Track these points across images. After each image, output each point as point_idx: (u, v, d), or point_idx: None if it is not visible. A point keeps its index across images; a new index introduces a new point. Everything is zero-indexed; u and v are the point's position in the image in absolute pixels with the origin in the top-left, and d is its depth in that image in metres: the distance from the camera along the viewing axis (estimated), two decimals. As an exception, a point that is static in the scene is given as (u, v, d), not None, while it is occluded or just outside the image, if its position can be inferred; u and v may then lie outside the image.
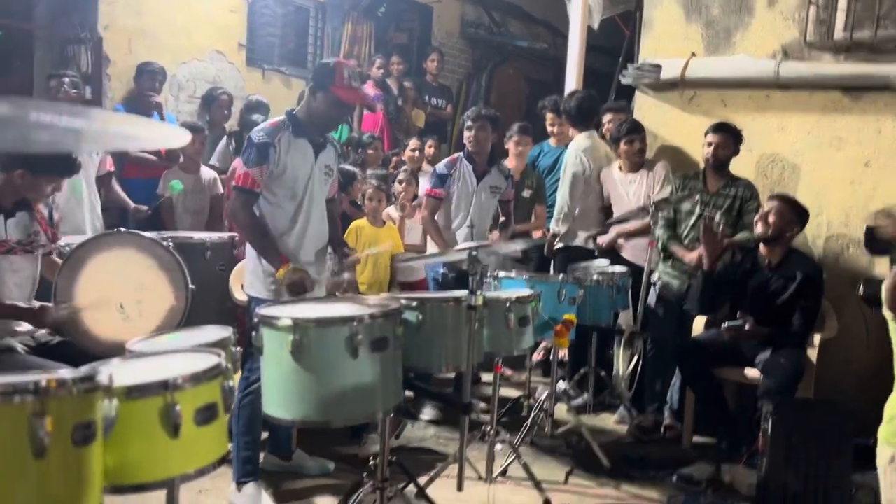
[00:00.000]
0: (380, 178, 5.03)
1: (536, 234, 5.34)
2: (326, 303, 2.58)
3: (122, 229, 3.47)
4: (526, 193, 5.18)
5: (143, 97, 5.63)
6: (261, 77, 7.00)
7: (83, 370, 1.40)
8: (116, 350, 2.99)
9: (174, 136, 0.93)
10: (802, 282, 3.84)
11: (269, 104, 6.17)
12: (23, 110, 0.87)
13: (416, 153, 6.00)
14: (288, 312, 2.25)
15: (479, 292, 2.52)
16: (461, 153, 4.51)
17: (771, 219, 3.85)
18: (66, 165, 3.01)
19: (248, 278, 3.29)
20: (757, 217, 3.93)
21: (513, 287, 3.53)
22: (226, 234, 4.62)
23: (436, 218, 4.51)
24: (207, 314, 3.81)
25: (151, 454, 1.55)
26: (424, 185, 5.49)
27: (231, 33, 6.72)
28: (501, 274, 3.64)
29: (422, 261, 4.66)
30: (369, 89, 7.11)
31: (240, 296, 4.21)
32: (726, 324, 3.77)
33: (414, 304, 2.52)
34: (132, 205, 5.08)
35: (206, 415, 1.65)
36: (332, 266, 3.34)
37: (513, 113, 9.21)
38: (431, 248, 4.63)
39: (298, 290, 3.04)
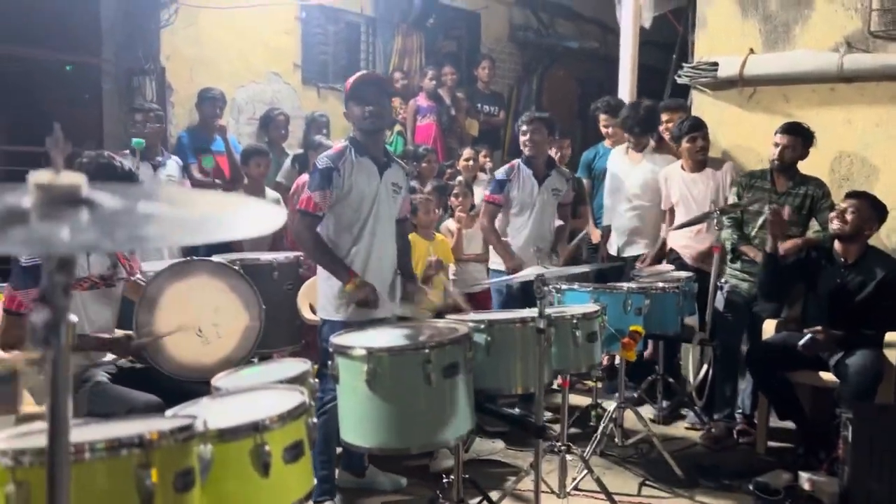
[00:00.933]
0: (434, 192, 5.07)
1: (594, 237, 5.34)
2: (397, 328, 2.63)
3: (194, 258, 3.60)
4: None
5: (206, 123, 5.81)
6: (316, 95, 7.14)
7: (180, 420, 1.47)
8: (198, 372, 3.15)
9: (273, 218, 0.98)
10: (883, 280, 3.73)
11: (329, 118, 6.31)
12: (131, 201, 0.92)
13: (471, 163, 6.03)
14: (361, 342, 2.31)
15: (546, 313, 2.53)
16: (519, 159, 4.53)
17: (849, 216, 3.76)
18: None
19: (319, 300, 3.39)
20: (833, 214, 3.84)
21: (577, 300, 3.53)
22: (291, 254, 4.74)
23: (496, 224, 4.54)
24: (278, 333, 3.94)
25: (244, 494, 1.62)
26: (480, 193, 5.54)
27: (286, 54, 6.87)
28: (564, 286, 3.64)
29: (486, 276, 4.71)
30: (422, 101, 7.18)
31: (308, 314, 4.32)
32: (800, 344, 3.69)
33: (482, 326, 2.55)
34: None
35: (294, 452, 1.71)
36: (405, 286, 3.39)
37: (565, 115, 9.16)
38: (493, 257, 4.64)
39: (366, 304, 3.14)
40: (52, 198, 0.84)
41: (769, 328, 4.17)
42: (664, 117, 5.02)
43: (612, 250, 5.04)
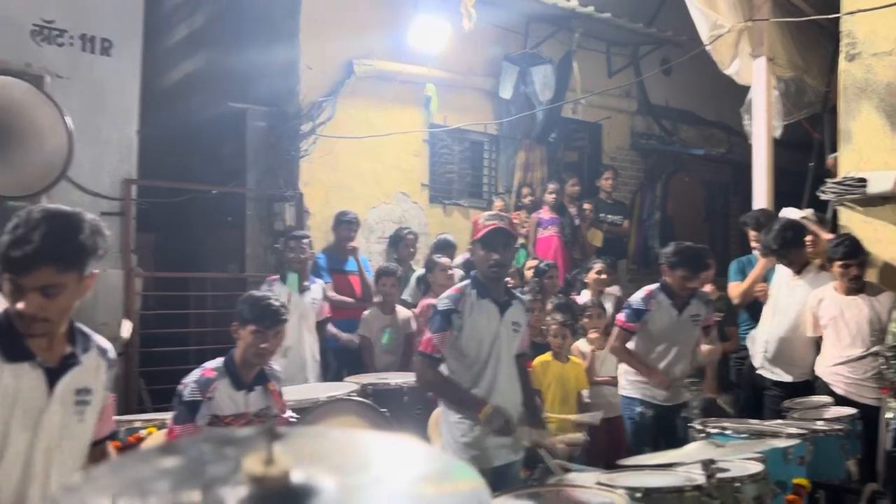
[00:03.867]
0: (564, 312, 4.98)
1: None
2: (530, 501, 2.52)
3: (342, 395, 3.67)
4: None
5: (341, 244, 6.06)
6: (442, 212, 7.35)
7: None
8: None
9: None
10: None
11: (455, 244, 6.42)
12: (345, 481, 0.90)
13: (602, 276, 5.94)
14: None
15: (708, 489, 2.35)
16: (657, 286, 4.37)
17: None
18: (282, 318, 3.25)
19: (447, 436, 3.35)
20: None
21: (728, 442, 3.29)
22: (422, 378, 4.78)
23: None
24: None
25: None
26: (606, 304, 5.41)
27: (414, 175, 7.15)
28: (713, 429, 3.41)
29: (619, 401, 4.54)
30: (545, 213, 7.23)
31: (438, 441, 4.29)
32: None
33: (638, 495, 2.41)
34: (343, 336, 5.45)
35: None
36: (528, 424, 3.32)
37: (691, 220, 8.96)
38: (622, 381, 4.47)
39: (503, 431, 3.09)
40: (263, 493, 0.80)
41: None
42: (809, 238, 4.76)
43: (756, 362, 4.72)
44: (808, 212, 5.00)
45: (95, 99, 5.28)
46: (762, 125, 5.76)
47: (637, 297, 4.36)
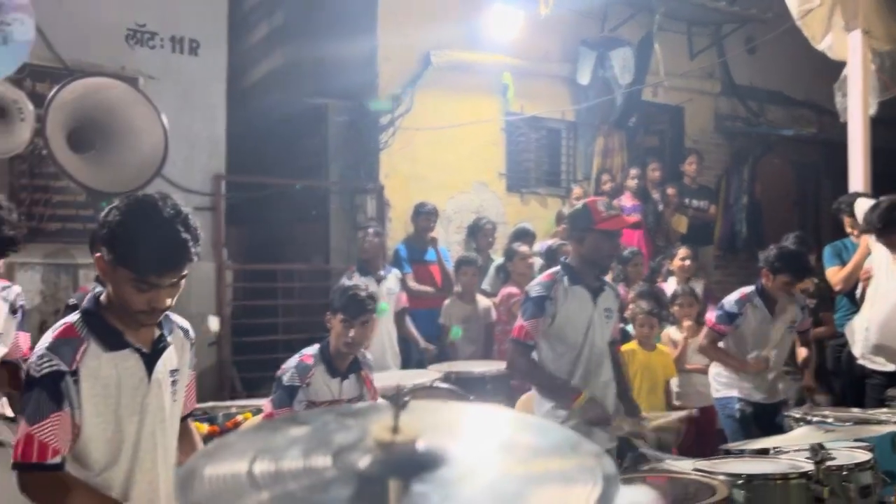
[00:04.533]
0: (649, 301, 4.88)
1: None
2: (635, 487, 2.46)
3: (429, 383, 3.70)
4: None
5: (420, 235, 6.11)
6: (519, 201, 7.31)
7: None
8: None
9: None
10: None
11: (534, 232, 6.38)
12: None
13: (687, 262, 5.79)
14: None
15: (820, 477, 2.26)
16: (752, 289, 4.20)
17: None
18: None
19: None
20: None
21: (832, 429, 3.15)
22: (503, 366, 4.77)
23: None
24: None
25: None
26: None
27: (491, 164, 7.14)
28: (813, 417, 3.27)
29: (710, 386, 4.41)
30: (626, 200, 7.08)
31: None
32: None
33: (740, 482, 2.33)
34: (422, 343, 5.47)
35: None
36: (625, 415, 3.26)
37: (780, 204, 8.62)
38: (715, 383, 4.34)
39: (597, 421, 3.04)
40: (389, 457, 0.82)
41: None
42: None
43: (856, 351, 4.50)
44: None
45: (185, 98, 5.49)
46: (858, 102, 5.49)
47: (731, 300, 4.20)
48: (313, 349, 3.26)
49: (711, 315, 4.31)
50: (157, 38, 5.37)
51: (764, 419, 4.09)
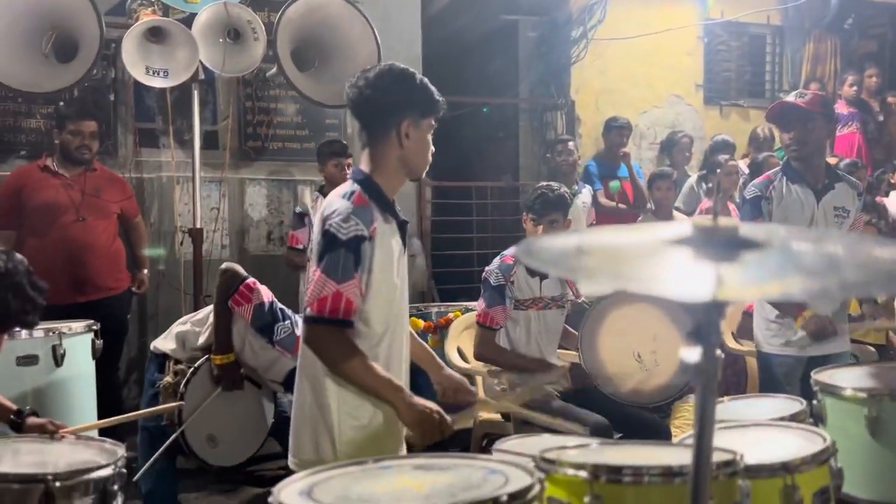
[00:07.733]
0: (870, 212, 4.54)
1: None
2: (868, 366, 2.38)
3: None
4: None
5: (612, 150, 6.01)
6: (718, 114, 6.94)
7: (723, 454, 1.51)
8: (636, 397, 3.26)
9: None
10: None
11: (734, 143, 6.07)
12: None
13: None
14: (854, 382, 2.13)
15: None
16: None
17: None
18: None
19: (757, 334, 3.26)
20: None
21: None
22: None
23: None
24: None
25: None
26: None
27: (688, 75, 6.81)
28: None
29: None
30: (841, 108, 6.52)
31: (732, 343, 4.19)
32: None
33: None
34: None
35: (823, 498, 1.64)
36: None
37: None
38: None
39: (822, 335, 2.94)
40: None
41: None
42: None
43: None
44: None
45: (384, 21, 5.69)
46: None
47: None
48: (512, 250, 3.39)
49: None
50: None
51: None
